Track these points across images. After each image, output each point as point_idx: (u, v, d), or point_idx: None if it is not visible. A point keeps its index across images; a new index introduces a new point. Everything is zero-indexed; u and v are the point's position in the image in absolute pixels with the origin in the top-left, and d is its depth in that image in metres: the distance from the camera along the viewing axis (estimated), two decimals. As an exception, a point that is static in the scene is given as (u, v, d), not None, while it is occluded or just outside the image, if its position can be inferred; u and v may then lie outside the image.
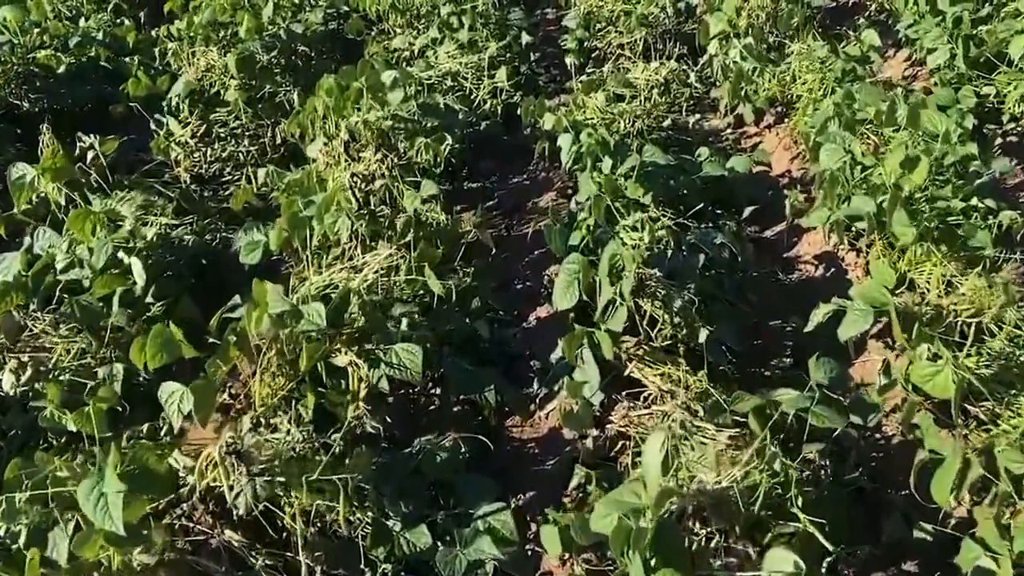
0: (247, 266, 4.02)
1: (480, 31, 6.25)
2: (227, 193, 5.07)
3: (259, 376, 3.08)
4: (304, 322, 3.07)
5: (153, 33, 6.23)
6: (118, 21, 7.01)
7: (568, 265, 3.71)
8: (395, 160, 4.08)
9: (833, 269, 4.28)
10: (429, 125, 4.51)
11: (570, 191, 4.88)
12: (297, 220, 3.87)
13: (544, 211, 4.79)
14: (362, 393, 3.05)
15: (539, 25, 7.32)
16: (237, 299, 3.34)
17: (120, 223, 3.98)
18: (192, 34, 5.86)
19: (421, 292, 3.66)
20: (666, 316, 3.53)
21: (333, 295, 3.55)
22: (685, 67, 6.28)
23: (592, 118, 5.20)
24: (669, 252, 3.70)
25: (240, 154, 5.19)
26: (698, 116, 5.97)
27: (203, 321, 3.89)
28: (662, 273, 3.61)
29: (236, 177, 5.16)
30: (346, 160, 4.16)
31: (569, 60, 5.82)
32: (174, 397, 2.91)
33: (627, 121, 5.09)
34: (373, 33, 6.79)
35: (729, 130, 5.76)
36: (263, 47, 5.84)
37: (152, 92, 5.64)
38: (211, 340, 3.44)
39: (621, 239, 3.91)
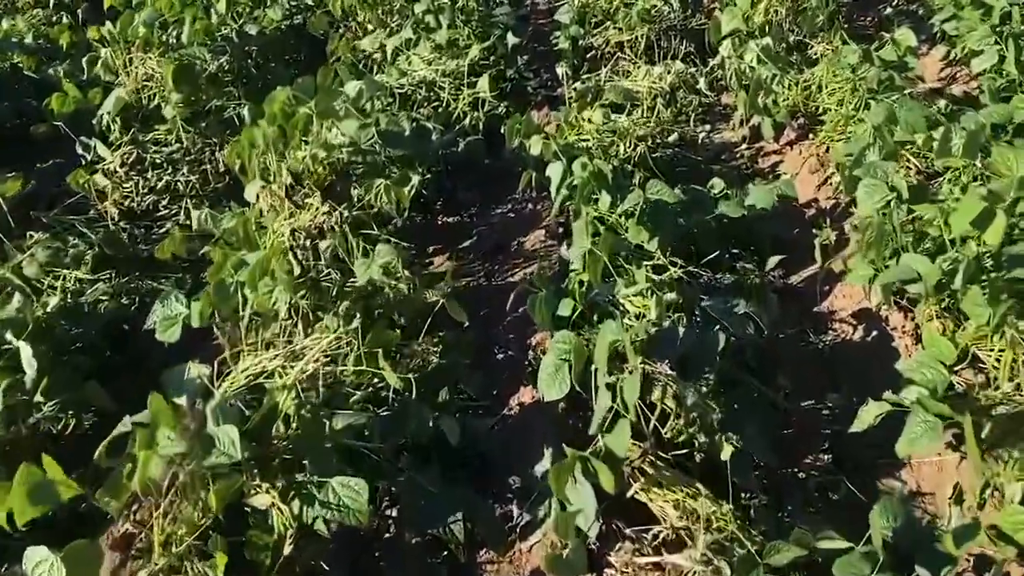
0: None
1: (461, 29, 5.48)
2: (162, 231, 4.35)
3: (159, 521, 2.39)
4: (215, 453, 2.37)
5: (89, 35, 5.46)
6: (54, 19, 6.23)
7: (557, 345, 3.01)
8: (347, 211, 3.35)
9: (875, 332, 3.57)
10: (393, 156, 3.77)
11: (561, 228, 4.15)
12: (225, 288, 3.16)
13: (531, 254, 4.07)
14: (288, 542, 2.36)
15: (528, 18, 6.55)
16: (127, 423, 2.63)
17: (12, 289, 3.27)
18: (129, 38, 5.09)
19: (376, 381, 2.96)
20: (679, 414, 2.84)
21: (266, 385, 2.87)
22: (693, 69, 5.53)
23: (587, 138, 4.46)
24: (681, 328, 2.98)
25: (179, 184, 4.45)
26: (708, 128, 5.23)
27: (117, 411, 3.21)
28: (673, 357, 2.91)
29: (173, 211, 4.44)
30: (290, 207, 3.44)
31: (561, 70, 5.05)
32: (42, 569, 2.22)
33: (627, 144, 4.35)
34: (340, 31, 6.01)
35: (744, 145, 5.02)
36: (211, 53, 5.07)
37: (83, 107, 4.89)
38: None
39: (622, 312, 3.20)
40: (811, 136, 4.80)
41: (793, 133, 4.87)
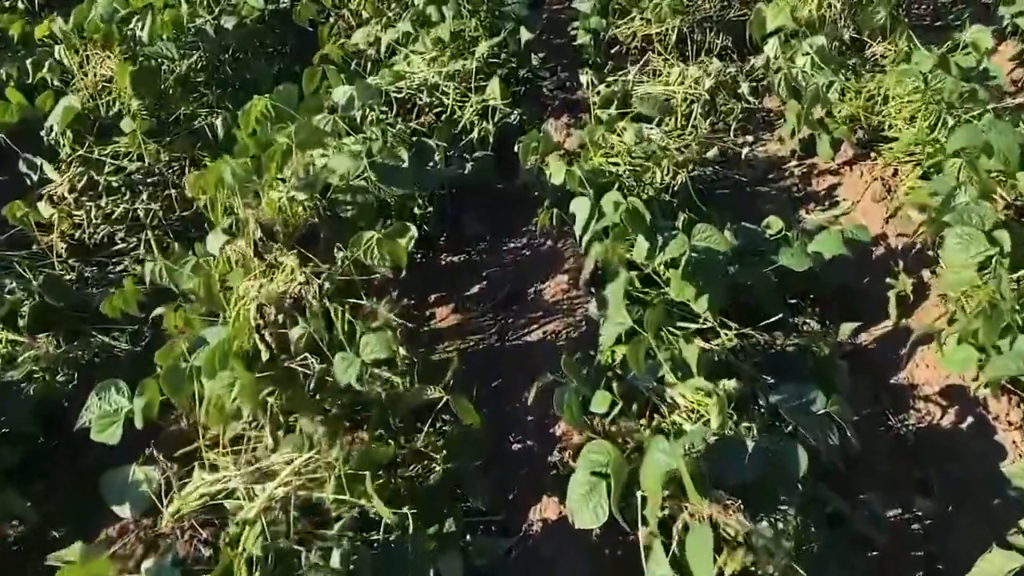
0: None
1: (467, 21, 4.78)
2: (119, 269, 3.71)
3: None
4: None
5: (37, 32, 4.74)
6: (7, 3, 5.51)
7: (591, 455, 2.40)
8: (329, 275, 2.70)
9: (971, 418, 2.95)
10: (388, 198, 3.12)
11: (588, 275, 3.51)
12: (179, 375, 2.53)
13: (552, 307, 3.43)
14: None
15: (541, 4, 5.82)
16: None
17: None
18: (85, 33, 4.39)
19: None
20: (743, 553, 2.23)
21: (226, 502, 2.27)
22: (732, 69, 4.85)
23: (617, 161, 3.80)
24: (751, 441, 2.36)
25: (139, 212, 3.80)
26: (751, 139, 4.56)
27: (40, 522, 2.62)
28: (738, 479, 2.30)
29: (131, 245, 3.78)
30: (259, 266, 2.79)
31: (585, 78, 4.36)
32: None
33: (664, 170, 3.69)
34: (331, 20, 5.30)
35: (794, 161, 4.35)
36: (180, 49, 4.38)
37: (31, 116, 4.21)
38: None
39: (668, 403, 2.58)
40: (874, 155, 4.13)
41: (851, 150, 4.20)
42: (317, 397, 2.47)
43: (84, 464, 2.80)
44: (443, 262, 3.72)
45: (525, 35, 4.58)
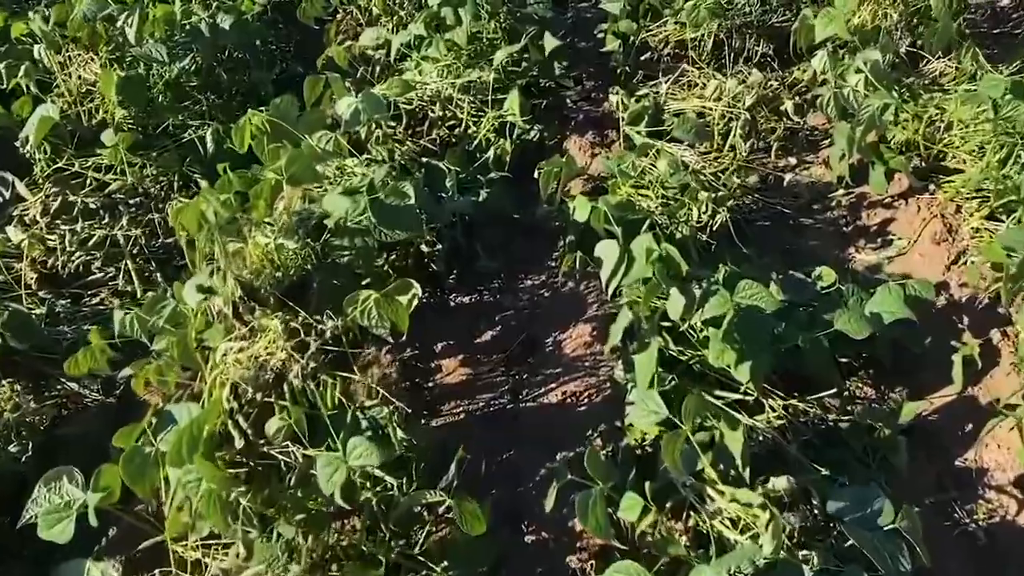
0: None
1: (485, 23, 4.37)
2: (95, 302, 3.35)
3: None
4: None
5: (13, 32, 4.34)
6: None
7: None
8: (315, 356, 2.33)
9: (1056, 518, 2.57)
10: (388, 238, 2.74)
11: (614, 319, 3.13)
12: (142, 460, 2.18)
13: (572, 364, 3.06)
14: None
15: (567, 2, 5.39)
16: None
17: None
18: (67, 32, 4.01)
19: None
20: None
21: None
22: (774, 82, 4.42)
23: (647, 194, 3.41)
24: (810, 570, 1.99)
25: (118, 238, 3.44)
26: (794, 163, 4.14)
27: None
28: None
29: (109, 275, 3.43)
30: (240, 328, 2.43)
31: (615, 98, 3.95)
32: None
33: (702, 206, 3.29)
34: (338, 17, 4.90)
35: (841, 190, 3.93)
36: (172, 51, 4.00)
37: (6, 125, 3.86)
38: None
39: (710, 504, 2.21)
40: (933, 188, 3.72)
41: (907, 180, 3.78)
42: (299, 494, 2.10)
43: (38, 548, 2.45)
44: (452, 302, 3.35)
45: (549, 42, 4.16)
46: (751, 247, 3.58)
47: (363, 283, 2.76)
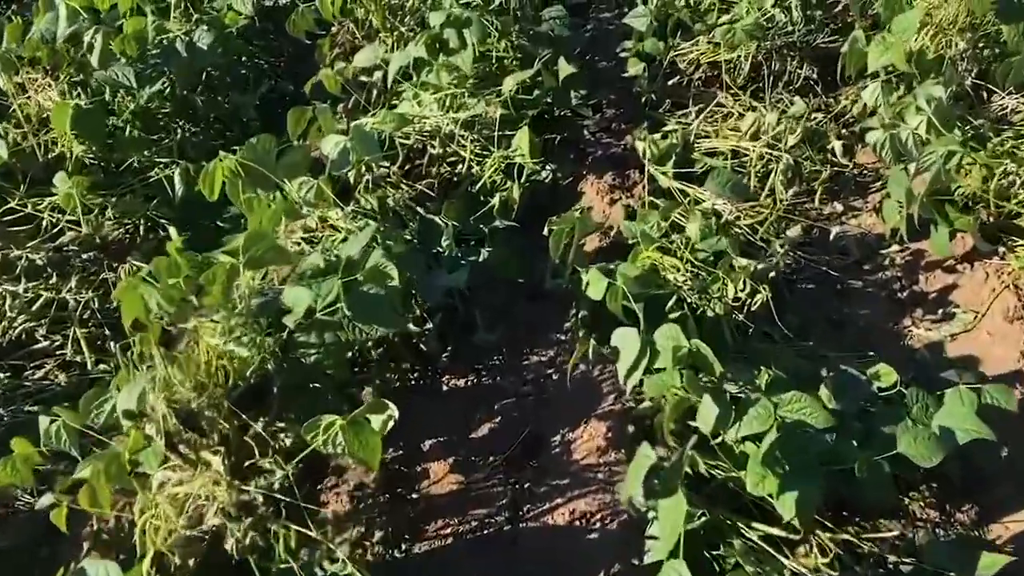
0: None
1: (494, 43, 3.89)
2: (40, 377, 2.93)
3: None
4: None
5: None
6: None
7: None
8: (256, 524, 1.90)
9: None
10: (365, 334, 2.30)
11: (632, 426, 2.68)
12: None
13: (581, 476, 2.60)
14: None
15: (586, 11, 4.88)
16: None
17: None
18: (23, 54, 3.57)
19: None
20: None
21: None
22: (819, 112, 3.93)
23: (675, 263, 2.94)
24: None
25: (69, 300, 3.01)
26: (840, 209, 3.65)
27: None
28: None
29: (55, 344, 3.00)
30: (179, 460, 1.99)
31: (641, 146, 3.47)
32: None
33: (739, 281, 2.81)
34: (332, 31, 4.42)
35: (895, 246, 3.44)
36: (139, 77, 3.55)
37: (-49, 158, 3.42)
38: None
39: None
40: (1004, 252, 3.22)
41: (972, 240, 3.29)
42: None
43: None
44: (444, 387, 2.89)
45: (564, 68, 3.68)
46: (794, 315, 3.12)
47: (336, 384, 2.31)
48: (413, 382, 2.86)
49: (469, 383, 2.89)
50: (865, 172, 3.84)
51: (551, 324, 3.09)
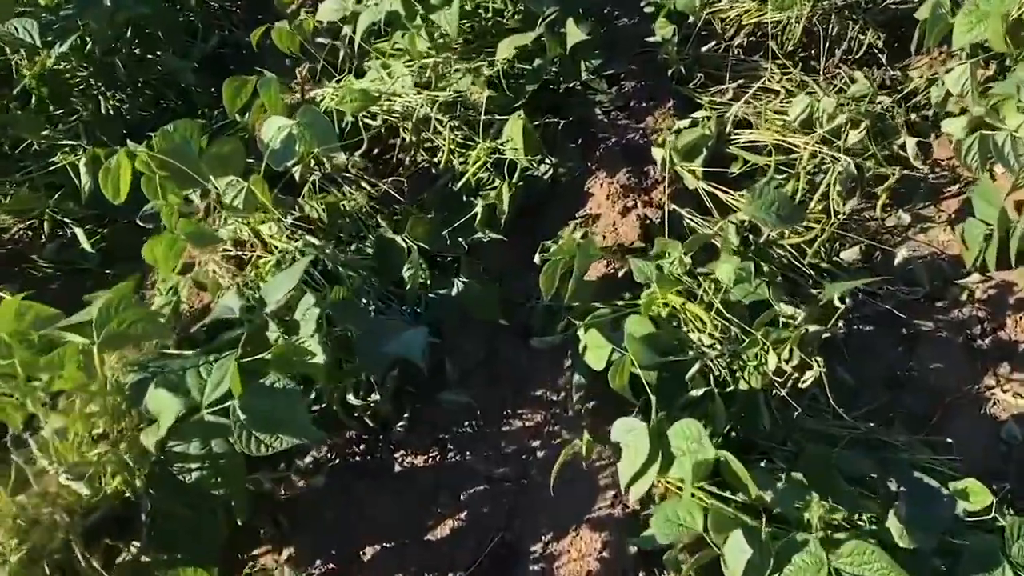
0: None
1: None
2: None
3: None
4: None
5: None
6: None
7: None
8: None
9: None
10: (267, 448, 1.66)
11: (636, 516, 2.05)
12: None
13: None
14: None
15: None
16: None
17: None
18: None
19: None
20: None
21: None
22: (884, 95, 3.18)
23: (698, 313, 2.26)
24: None
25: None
26: (907, 220, 2.94)
27: None
28: None
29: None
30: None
31: (659, 153, 2.75)
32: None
33: (784, 352, 2.14)
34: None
35: (976, 277, 2.74)
36: (45, 33, 2.86)
37: None
38: None
39: None
40: (1121, 296, 2.53)
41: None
42: None
43: None
44: (398, 466, 2.26)
45: (574, 34, 2.94)
46: (847, 369, 2.47)
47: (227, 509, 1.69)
48: (356, 459, 2.24)
49: (430, 460, 2.26)
50: (939, 170, 3.12)
51: (543, 376, 2.44)
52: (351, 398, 2.11)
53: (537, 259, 2.46)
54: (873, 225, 2.95)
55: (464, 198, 2.83)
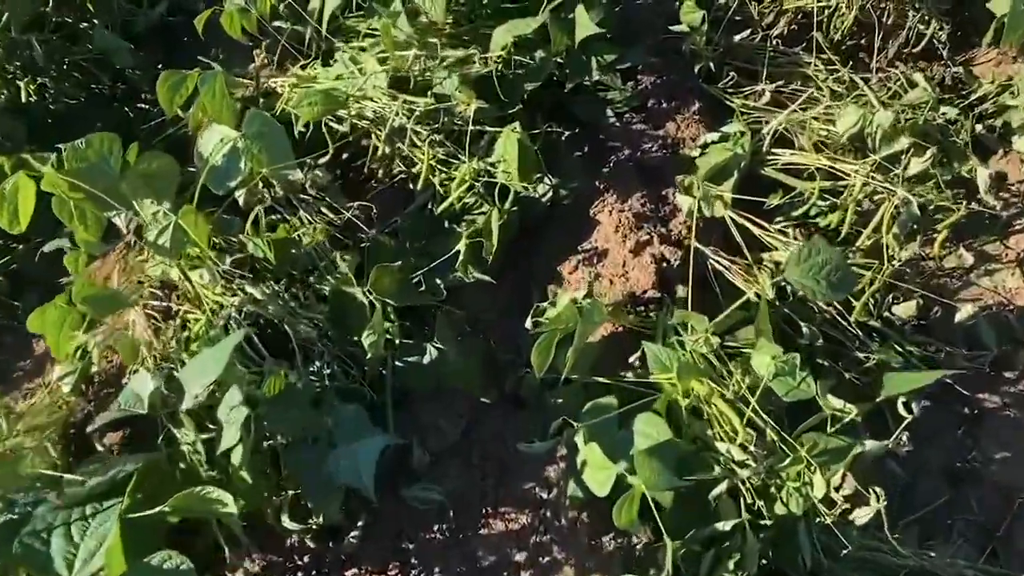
0: None
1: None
2: None
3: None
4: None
5: None
6: None
7: None
8: None
9: None
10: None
11: None
12: None
13: None
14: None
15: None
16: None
17: None
18: None
19: None
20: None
21: None
22: (949, 105, 2.69)
23: (727, 415, 1.81)
24: None
25: None
26: (969, 261, 2.49)
27: None
28: None
29: None
30: None
31: (685, 202, 2.26)
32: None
33: (832, 477, 1.70)
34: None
35: (1055, 338, 2.31)
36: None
37: None
38: None
39: None
40: None
41: None
42: None
43: None
44: (351, 581, 1.85)
45: (584, 25, 2.43)
46: (900, 459, 2.05)
47: None
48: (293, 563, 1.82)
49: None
50: (1008, 196, 2.65)
51: (532, 464, 2.01)
52: (287, 520, 1.68)
53: (529, 324, 2.00)
54: (929, 266, 2.50)
55: (446, 224, 2.36)
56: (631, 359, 2.06)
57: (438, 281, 2.22)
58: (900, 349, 2.23)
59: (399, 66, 2.34)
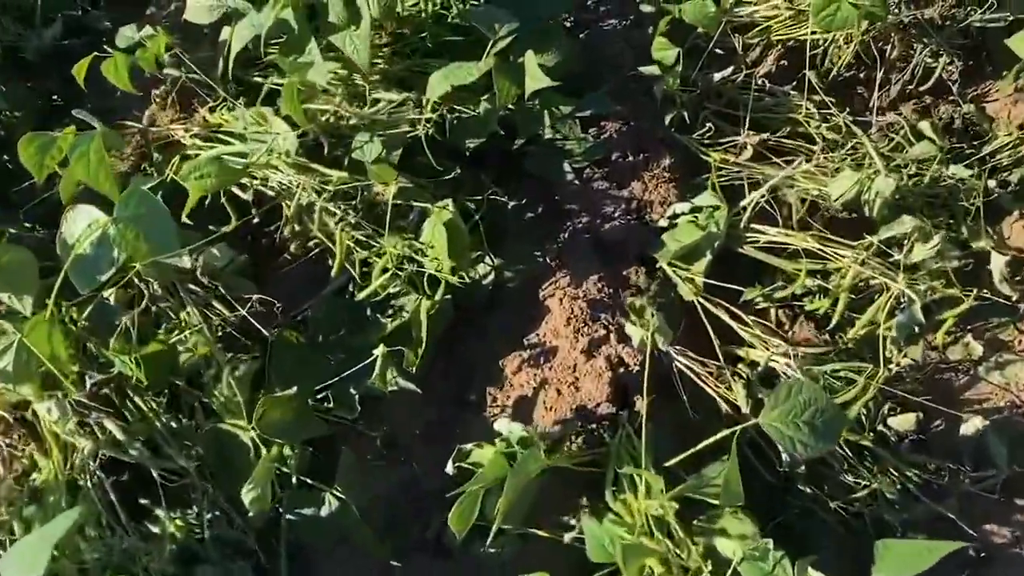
0: None
1: (418, 8, 2.25)
2: None
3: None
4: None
5: None
6: None
7: None
8: None
9: None
10: None
11: None
12: None
13: None
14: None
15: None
16: None
17: None
18: None
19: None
20: None
21: None
22: (961, 166, 2.33)
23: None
24: None
25: None
26: (976, 354, 2.16)
27: None
28: None
29: None
30: None
31: (638, 335, 1.89)
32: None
33: None
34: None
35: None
36: None
37: None
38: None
39: None
40: None
41: None
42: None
43: None
44: None
45: (535, 76, 2.05)
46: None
47: None
48: None
49: None
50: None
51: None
52: None
53: (450, 469, 1.65)
54: (932, 357, 2.16)
55: (368, 313, 2.01)
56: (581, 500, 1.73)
57: (352, 391, 1.86)
58: (896, 474, 1.90)
59: (310, 129, 1.95)
